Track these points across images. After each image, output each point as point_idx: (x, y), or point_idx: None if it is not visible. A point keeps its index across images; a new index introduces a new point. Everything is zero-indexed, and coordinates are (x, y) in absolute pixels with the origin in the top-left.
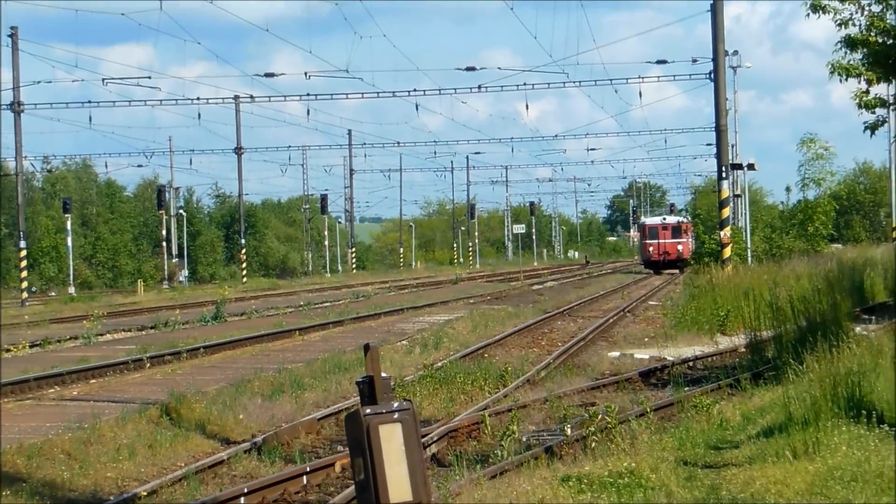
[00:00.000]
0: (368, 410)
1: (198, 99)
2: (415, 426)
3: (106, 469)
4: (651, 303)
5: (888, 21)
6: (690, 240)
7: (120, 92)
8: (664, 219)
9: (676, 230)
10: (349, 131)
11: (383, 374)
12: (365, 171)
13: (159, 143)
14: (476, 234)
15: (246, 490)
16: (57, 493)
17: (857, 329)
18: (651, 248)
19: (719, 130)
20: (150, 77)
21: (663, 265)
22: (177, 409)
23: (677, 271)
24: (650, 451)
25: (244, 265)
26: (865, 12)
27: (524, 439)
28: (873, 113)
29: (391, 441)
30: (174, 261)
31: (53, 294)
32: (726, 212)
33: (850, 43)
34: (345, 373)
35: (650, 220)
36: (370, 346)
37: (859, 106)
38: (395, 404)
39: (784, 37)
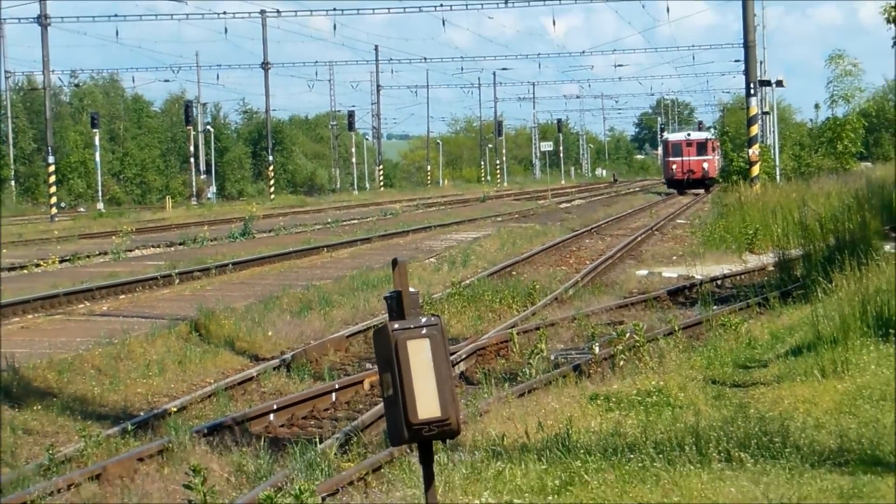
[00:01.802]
0: (396, 325)
1: (224, 13)
2: (443, 342)
3: (136, 385)
4: (679, 221)
5: None
6: (717, 157)
7: (146, 6)
8: (689, 135)
9: (702, 147)
10: (376, 47)
11: (411, 290)
12: (392, 87)
13: (186, 59)
14: (503, 151)
15: (275, 406)
16: (87, 408)
17: (887, 247)
18: (674, 166)
19: (747, 46)
20: None
21: (688, 184)
22: (206, 326)
23: (703, 191)
24: (678, 370)
25: (272, 182)
26: None
27: (552, 357)
28: None
29: (419, 356)
30: (202, 177)
31: (82, 210)
32: (755, 129)
33: None
34: (373, 290)
35: (674, 137)
36: (398, 260)
37: (888, 21)
38: (424, 319)
39: None
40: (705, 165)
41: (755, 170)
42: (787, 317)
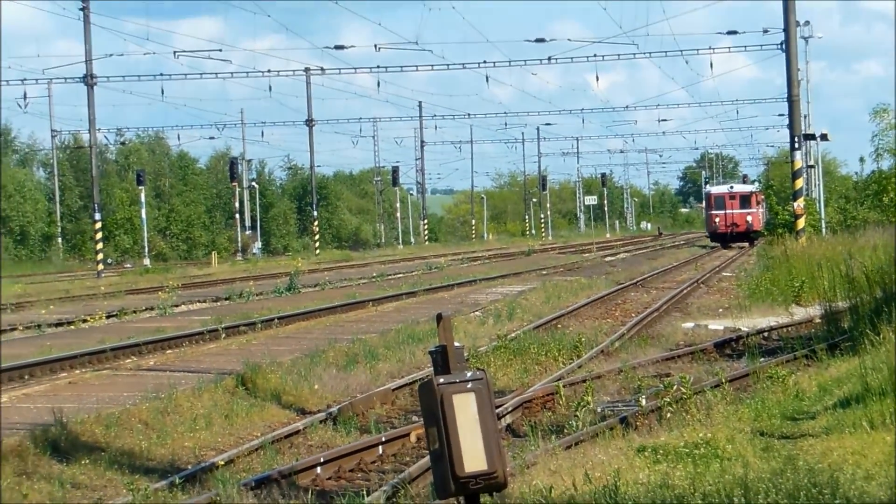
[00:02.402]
0: (442, 380)
1: (268, 71)
2: (488, 395)
3: (183, 438)
4: (725, 274)
5: None
6: (761, 210)
7: (191, 65)
8: (731, 187)
9: (745, 199)
10: (419, 103)
11: (456, 344)
12: (436, 142)
13: (231, 116)
14: (548, 205)
15: (322, 459)
16: (135, 462)
17: None
18: (717, 220)
19: (791, 100)
20: (220, 49)
21: (731, 238)
22: (252, 380)
23: (747, 245)
24: (726, 422)
25: (317, 237)
26: None
27: (599, 410)
28: None
29: (465, 410)
30: (247, 233)
31: (129, 266)
32: (799, 182)
33: None
34: (418, 343)
35: (717, 189)
36: (443, 315)
37: None
38: (469, 373)
39: (853, 7)
40: (749, 218)
41: (801, 223)
42: (835, 369)
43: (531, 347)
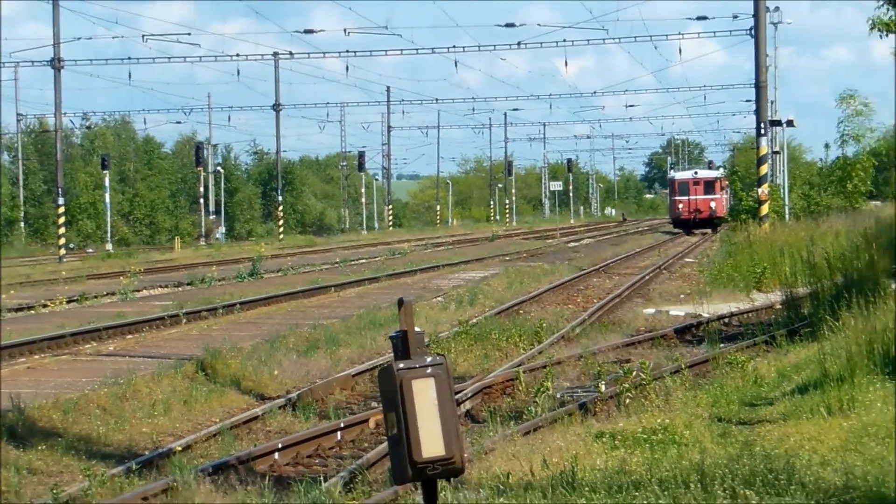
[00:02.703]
0: (401, 365)
1: (237, 55)
2: (448, 381)
3: (141, 424)
4: (687, 260)
5: None
6: (725, 196)
7: (159, 48)
8: (696, 173)
9: (710, 185)
10: (388, 88)
11: (417, 329)
12: (403, 128)
13: (198, 100)
14: (513, 191)
15: (280, 445)
16: (92, 448)
17: (894, 286)
18: (681, 206)
19: (759, 87)
20: (189, 34)
21: (695, 224)
22: (212, 365)
23: (710, 231)
24: (684, 408)
25: (281, 222)
26: None
27: (558, 396)
28: None
29: (424, 396)
30: (211, 217)
31: (91, 250)
32: (764, 168)
33: None
34: (380, 329)
35: (680, 175)
36: (404, 300)
37: (871, 28)
38: (429, 359)
39: None
40: (713, 205)
41: (764, 209)
42: (794, 355)
43: (492, 333)
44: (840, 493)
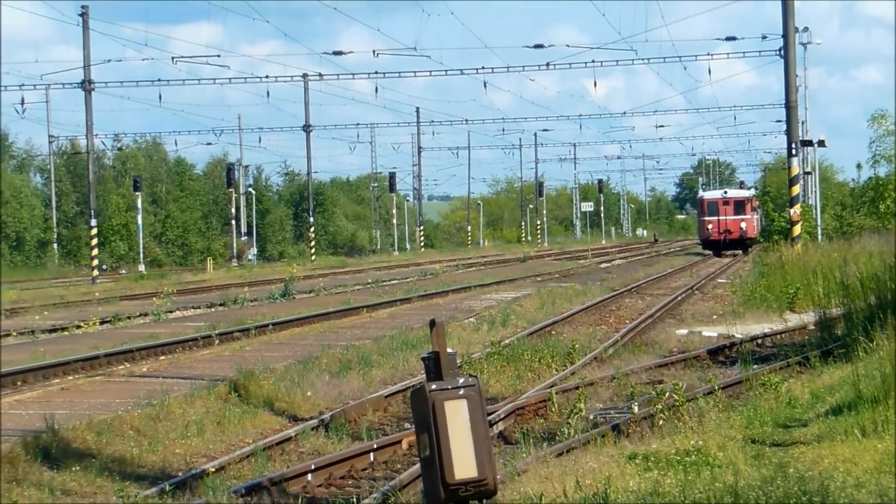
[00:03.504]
0: (434, 386)
1: (266, 77)
2: (480, 402)
3: (174, 445)
4: (720, 280)
5: None
6: (756, 217)
7: (189, 70)
8: (725, 192)
9: (740, 205)
10: (417, 109)
11: (449, 350)
12: (433, 148)
13: (228, 122)
14: (544, 212)
15: (313, 466)
16: (126, 469)
17: None
18: (710, 226)
19: (789, 107)
20: (219, 55)
21: (724, 245)
22: (245, 386)
23: (740, 252)
24: (718, 430)
25: (313, 243)
26: None
27: (591, 417)
28: None
29: (456, 417)
30: (243, 239)
31: (124, 272)
32: (796, 189)
33: None
34: (412, 350)
35: (709, 195)
36: (436, 321)
37: None
38: (461, 380)
39: (852, 13)
40: (743, 225)
41: (797, 229)
42: (828, 376)
43: (525, 354)
44: None
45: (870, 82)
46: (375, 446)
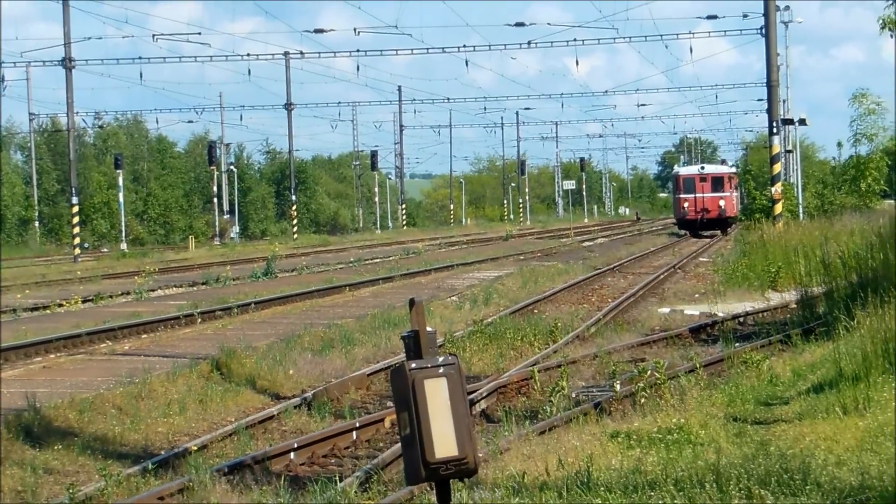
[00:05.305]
0: (413, 365)
1: (247, 55)
2: (460, 381)
3: (157, 424)
4: (702, 259)
5: None
6: (736, 194)
7: (170, 48)
8: (703, 168)
9: (718, 182)
10: (399, 87)
11: (429, 329)
12: (415, 127)
13: (209, 100)
14: (526, 190)
15: (296, 445)
16: (108, 448)
17: None
18: (686, 205)
19: (770, 86)
20: (199, 33)
21: (702, 225)
22: (227, 365)
23: (719, 233)
24: (699, 407)
25: (295, 221)
26: None
27: (573, 395)
28: None
29: (436, 396)
30: (225, 217)
31: (105, 250)
32: (777, 167)
33: None
34: (395, 328)
35: (685, 171)
36: (415, 300)
37: (882, 28)
38: (441, 359)
39: None
40: (722, 203)
41: (778, 208)
42: (809, 354)
43: (507, 333)
44: (856, 493)
45: (851, 61)
46: (358, 425)
